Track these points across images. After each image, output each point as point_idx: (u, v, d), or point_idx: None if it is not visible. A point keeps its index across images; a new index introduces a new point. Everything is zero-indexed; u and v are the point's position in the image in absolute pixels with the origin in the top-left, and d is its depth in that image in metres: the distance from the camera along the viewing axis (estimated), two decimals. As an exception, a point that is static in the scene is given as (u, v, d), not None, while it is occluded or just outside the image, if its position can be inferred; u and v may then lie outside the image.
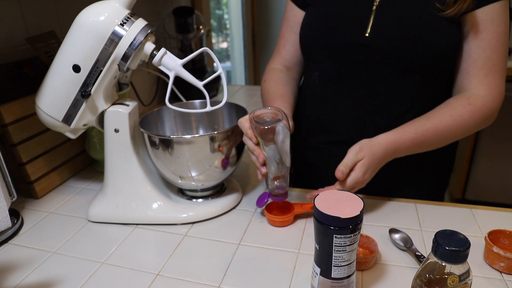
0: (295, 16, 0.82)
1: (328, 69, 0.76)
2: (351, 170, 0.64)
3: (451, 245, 0.41)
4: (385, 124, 0.73)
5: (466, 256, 0.42)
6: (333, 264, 0.47)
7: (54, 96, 0.65)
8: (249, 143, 0.65)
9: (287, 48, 0.84)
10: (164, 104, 0.66)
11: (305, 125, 0.84)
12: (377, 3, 0.69)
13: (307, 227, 0.68)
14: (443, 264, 0.42)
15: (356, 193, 0.49)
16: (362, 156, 0.64)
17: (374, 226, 0.67)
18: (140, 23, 0.62)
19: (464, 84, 0.71)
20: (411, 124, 0.69)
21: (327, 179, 0.70)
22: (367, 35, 0.69)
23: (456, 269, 0.42)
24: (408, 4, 0.67)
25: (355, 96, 0.74)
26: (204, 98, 0.66)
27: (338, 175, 0.63)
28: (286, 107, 0.73)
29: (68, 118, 0.66)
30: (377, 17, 0.68)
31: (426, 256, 0.55)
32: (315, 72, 0.79)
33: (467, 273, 0.43)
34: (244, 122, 0.65)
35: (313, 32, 0.75)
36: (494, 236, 0.59)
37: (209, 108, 0.65)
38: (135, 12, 0.62)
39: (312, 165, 0.86)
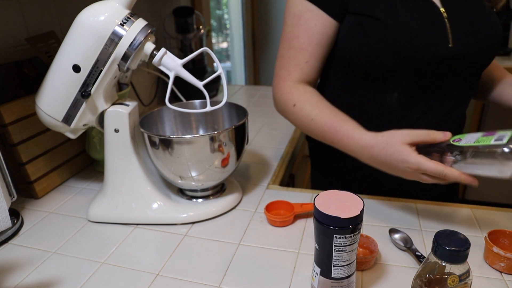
0: (325, 27, 0.69)
1: (409, 87, 0.70)
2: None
3: (451, 245, 0.41)
4: (453, 123, 0.75)
5: (466, 256, 0.42)
6: (333, 264, 0.47)
7: (54, 96, 0.65)
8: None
9: (311, 64, 0.72)
10: (164, 104, 0.66)
11: None
12: (444, 10, 0.66)
13: (307, 227, 0.68)
14: (443, 264, 0.42)
15: (356, 193, 0.49)
16: None
17: (374, 226, 0.67)
18: (140, 23, 0.62)
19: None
20: None
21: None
22: (450, 45, 0.65)
23: (456, 269, 0.42)
24: (470, 6, 0.68)
25: (431, 105, 0.72)
26: (204, 98, 0.66)
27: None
28: (351, 123, 0.66)
29: (68, 118, 0.66)
30: (453, 25, 0.65)
31: (426, 256, 0.55)
32: (392, 93, 0.71)
33: (467, 273, 0.43)
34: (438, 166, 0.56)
35: (392, 48, 0.66)
36: (494, 236, 0.59)
37: (209, 108, 0.65)
38: (135, 12, 0.62)
39: (382, 182, 0.79)
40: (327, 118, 0.67)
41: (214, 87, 1.45)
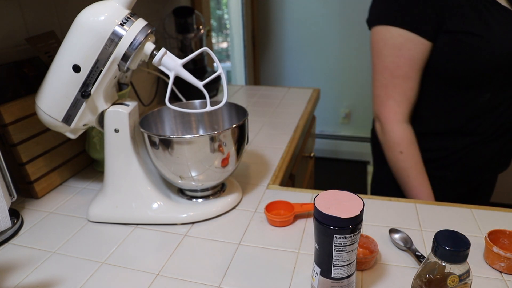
0: (424, 52, 0.76)
1: (500, 87, 0.80)
2: None
3: (451, 245, 0.41)
4: None
5: (466, 256, 0.42)
6: (333, 264, 0.47)
7: (54, 96, 0.65)
8: None
9: (415, 90, 0.79)
10: (164, 104, 0.66)
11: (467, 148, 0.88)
12: None
13: (307, 227, 0.68)
14: (443, 264, 0.42)
15: (356, 193, 0.49)
16: None
17: (374, 226, 0.67)
18: (140, 23, 0.62)
19: None
20: None
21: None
22: None
23: (456, 269, 0.42)
24: None
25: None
26: (204, 98, 0.66)
27: None
28: (427, 186, 0.85)
29: (68, 118, 0.66)
30: None
31: (426, 256, 0.55)
32: (485, 94, 0.80)
33: (467, 273, 0.43)
34: None
35: (490, 57, 0.75)
36: (494, 236, 0.59)
37: (209, 108, 0.65)
38: (135, 12, 0.62)
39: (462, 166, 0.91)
40: (417, 181, 0.83)
41: (214, 87, 1.45)
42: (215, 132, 0.66)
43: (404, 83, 0.78)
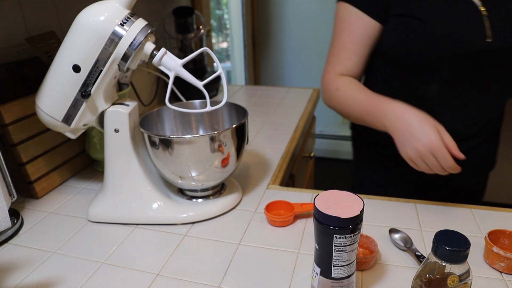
0: (367, 28, 0.78)
1: (449, 79, 0.76)
2: None
3: (451, 245, 0.41)
4: (492, 118, 0.79)
5: (466, 256, 0.42)
6: (333, 264, 0.47)
7: (54, 96, 0.65)
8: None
9: (353, 61, 0.80)
10: (164, 104, 0.66)
11: None
12: (484, 8, 0.71)
13: (307, 227, 0.68)
14: (443, 264, 0.42)
15: (356, 193, 0.49)
16: None
17: (374, 226, 0.67)
18: (140, 23, 0.62)
19: None
20: None
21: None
22: (489, 40, 0.71)
23: (456, 269, 0.42)
24: (509, 1, 0.71)
25: (470, 99, 0.77)
26: (204, 98, 0.66)
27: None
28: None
29: (68, 118, 0.66)
30: (493, 21, 0.71)
31: (426, 256, 0.55)
32: (433, 84, 0.77)
33: (467, 273, 0.43)
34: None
35: (431, 44, 0.73)
36: (494, 236, 0.59)
37: (209, 108, 0.65)
38: (135, 12, 0.62)
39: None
40: (368, 97, 0.74)
41: (214, 87, 1.45)
42: (215, 132, 0.66)
43: (343, 52, 0.81)
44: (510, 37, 0.72)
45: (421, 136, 0.62)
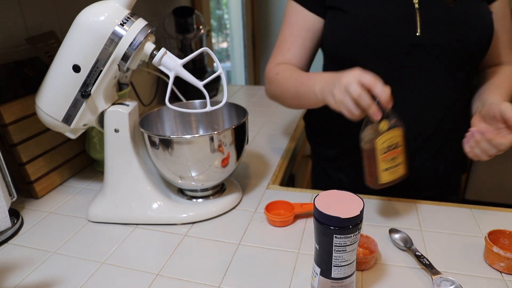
0: (304, 21, 0.79)
1: (379, 74, 0.71)
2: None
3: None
4: (430, 121, 0.75)
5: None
6: (333, 264, 0.47)
7: (54, 96, 0.65)
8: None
9: (292, 51, 0.82)
10: (164, 104, 0.66)
11: (340, 132, 0.83)
12: (417, 1, 0.69)
13: (307, 227, 0.68)
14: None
15: (357, 193, 0.49)
16: None
17: (374, 226, 0.67)
18: (140, 23, 0.62)
19: (495, 63, 0.79)
20: (498, 89, 0.73)
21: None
22: (418, 34, 0.69)
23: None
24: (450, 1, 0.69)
25: (401, 96, 0.72)
26: (204, 98, 0.66)
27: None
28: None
29: (68, 118, 0.66)
30: (424, 15, 0.69)
31: (425, 258, 0.55)
32: None
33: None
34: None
35: (359, 37, 0.72)
36: (494, 236, 0.59)
37: (209, 108, 0.65)
38: (135, 12, 0.62)
39: (347, 168, 0.86)
40: (304, 73, 0.76)
41: (214, 87, 1.45)
42: (215, 132, 0.66)
43: (283, 43, 0.83)
44: (440, 32, 0.69)
45: (341, 78, 0.61)
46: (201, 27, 1.40)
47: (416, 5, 0.69)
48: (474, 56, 0.72)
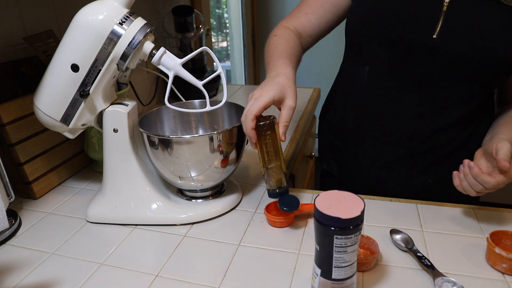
0: None
1: (381, 66, 0.72)
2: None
3: None
4: (430, 133, 0.72)
5: None
6: (333, 265, 0.47)
7: (52, 96, 0.64)
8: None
9: (308, 17, 0.82)
10: (163, 103, 0.66)
11: (342, 116, 0.84)
12: (447, 3, 0.66)
13: (308, 227, 0.67)
14: None
15: (357, 193, 0.49)
16: None
17: (375, 227, 0.67)
18: (139, 22, 0.61)
19: None
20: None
21: (360, 176, 0.74)
22: (434, 36, 0.66)
23: None
24: (480, 9, 0.64)
25: (404, 99, 0.71)
26: (204, 97, 0.66)
27: (505, 165, 0.58)
28: (292, 67, 0.73)
29: (66, 118, 0.66)
30: (447, 19, 0.66)
31: (428, 259, 0.55)
32: (365, 66, 0.75)
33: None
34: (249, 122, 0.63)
35: (375, 23, 0.70)
36: (496, 237, 0.58)
37: (208, 108, 0.65)
38: (134, 11, 0.62)
39: (344, 160, 0.86)
40: (283, 51, 0.76)
41: (213, 86, 1.45)
42: (215, 132, 0.65)
43: (304, 7, 0.83)
44: (459, 39, 0.65)
45: (255, 92, 0.65)
46: (200, 26, 1.40)
47: (445, 8, 0.66)
48: (487, 74, 0.67)
